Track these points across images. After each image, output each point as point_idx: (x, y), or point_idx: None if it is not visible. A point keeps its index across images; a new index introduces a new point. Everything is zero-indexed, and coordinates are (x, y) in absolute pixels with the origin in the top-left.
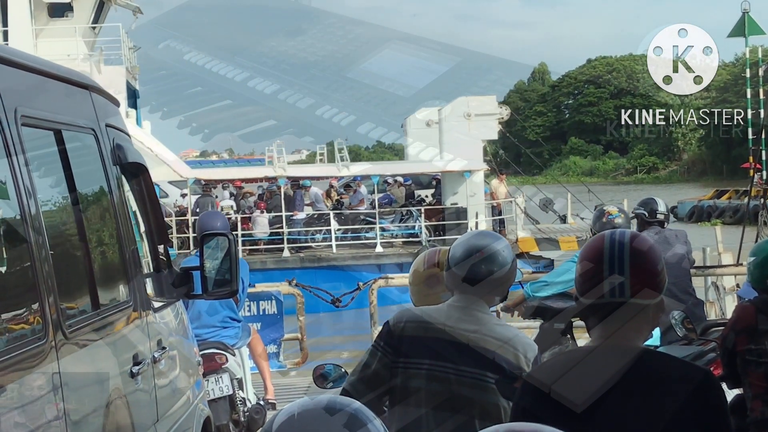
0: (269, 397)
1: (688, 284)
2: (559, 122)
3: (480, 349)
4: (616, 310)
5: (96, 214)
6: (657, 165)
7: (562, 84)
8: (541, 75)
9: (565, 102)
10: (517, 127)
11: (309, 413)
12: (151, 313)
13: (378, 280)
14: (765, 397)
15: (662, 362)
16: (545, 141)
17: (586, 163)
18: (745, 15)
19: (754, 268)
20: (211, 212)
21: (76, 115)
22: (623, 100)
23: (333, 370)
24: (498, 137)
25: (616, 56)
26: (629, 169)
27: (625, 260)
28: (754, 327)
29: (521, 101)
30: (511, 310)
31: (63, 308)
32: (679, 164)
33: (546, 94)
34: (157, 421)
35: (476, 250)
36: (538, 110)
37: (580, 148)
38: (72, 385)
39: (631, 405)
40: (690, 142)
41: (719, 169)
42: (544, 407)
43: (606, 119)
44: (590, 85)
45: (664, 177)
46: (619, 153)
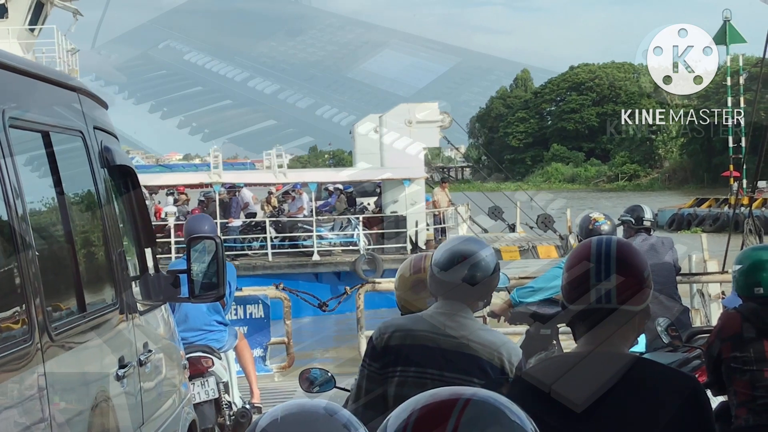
0: (255, 401)
1: (673, 291)
2: (541, 129)
3: (465, 354)
4: (603, 317)
5: (83, 217)
6: (638, 172)
7: (545, 91)
8: (524, 81)
9: (548, 109)
10: (500, 133)
11: (293, 416)
12: (138, 315)
13: (365, 284)
14: (750, 404)
15: (648, 369)
16: (527, 147)
17: (568, 170)
18: (727, 23)
19: (740, 276)
20: (198, 216)
21: (64, 117)
22: (605, 107)
23: (319, 375)
24: (439, 144)
25: (598, 63)
26: (611, 177)
27: (612, 267)
28: (740, 335)
29: (504, 107)
30: (498, 315)
31: (49, 310)
32: (661, 172)
33: (528, 100)
34: (143, 424)
35: (459, 255)
36: (521, 116)
37: (562, 154)
38: (58, 387)
39: (618, 411)
40: (671, 150)
41: (700, 177)
42: (534, 412)
43: (588, 126)
44: (572, 92)
45: (645, 184)
46: (601, 160)
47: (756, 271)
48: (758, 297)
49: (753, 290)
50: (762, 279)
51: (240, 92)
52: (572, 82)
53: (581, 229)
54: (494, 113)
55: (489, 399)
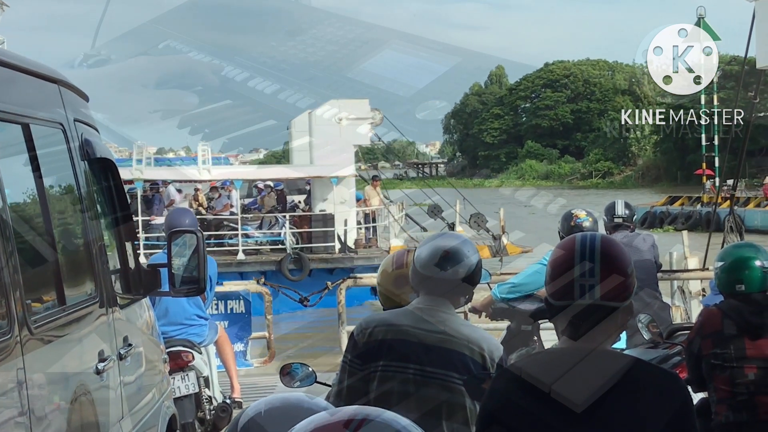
0: (236, 395)
1: (654, 288)
2: (515, 125)
3: (446, 349)
4: (587, 313)
5: (63, 209)
6: (612, 170)
7: (520, 87)
8: (498, 78)
9: (522, 105)
10: (475, 129)
11: (275, 410)
12: (118, 309)
13: (346, 279)
14: (729, 401)
15: (630, 365)
16: (502, 144)
17: (542, 167)
18: (701, 21)
19: (721, 273)
20: (179, 209)
21: (45, 110)
22: (580, 105)
23: (300, 369)
24: (371, 142)
25: (573, 60)
26: (584, 174)
27: (596, 263)
28: (720, 332)
29: (479, 104)
30: (479, 311)
31: (28, 303)
32: (634, 169)
33: (503, 97)
34: (122, 419)
35: (441, 250)
36: (496, 113)
37: (537, 151)
38: (36, 381)
39: (600, 407)
40: (645, 148)
41: (674, 175)
42: (517, 410)
43: (563, 123)
44: (547, 89)
45: (619, 182)
46: (575, 157)
47: (738, 269)
48: (739, 294)
49: (734, 287)
50: (744, 276)
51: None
52: (547, 79)
53: (563, 226)
54: (469, 109)
55: (388, 421)
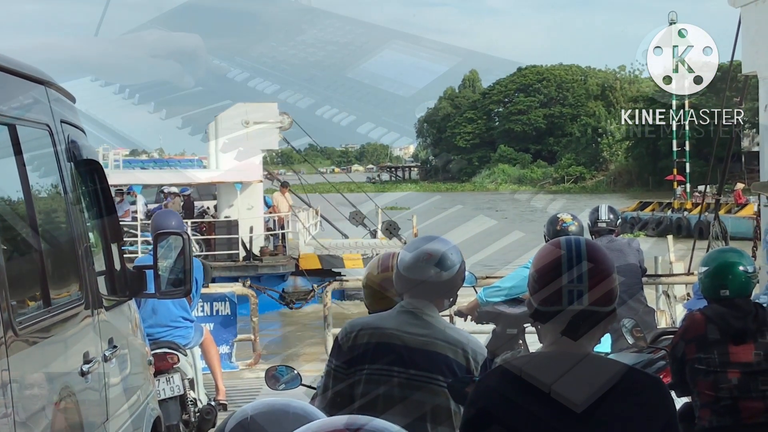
0: (220, 398)
1: (639, 292)
2: (488, 130)
3: (431, 352)
4: (572, 317)
5: (49, 211)
6: (584, 175)
7: (493, 92)
8: (472, 82)
9: (496, 110)
10: (448, 133)
11: (262, 416)
12: (103, 311)
13: (332, 282)
14: (713, 405)
15: (613, 368)
16: (475, 148)
17: (514, 172)
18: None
19: (705, 277)
20: (165, 211)
21: (31, 111)
22: (553, 109)
23: (285, 372)
24: (278, 146)
25: (546, 65)
26: (557, 179)
27: (583, 267)
28: (704, 336)
29: (452, 108)
30: (465, 314)
31: (14, 305)
32: (606, 175)
33: (477, 101)
34: (107, 420)
35: (425, 254)
36: (469, 117)
37: (509, 156)
38: (21, 382)
39: (590, 410)
40: (617, 153)
41: (645, 181)
42: (504, 409)
43: (535, 127)
44: (520, 94)
45: (590, 187)
46: (548, 162)
47: (722, 274)
48: (723, 299)
49: (719, 292)
50: (728, 281)
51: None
52: (520, 83)
53: (549, 230)
54: (442, 113)
55: (368, 425)
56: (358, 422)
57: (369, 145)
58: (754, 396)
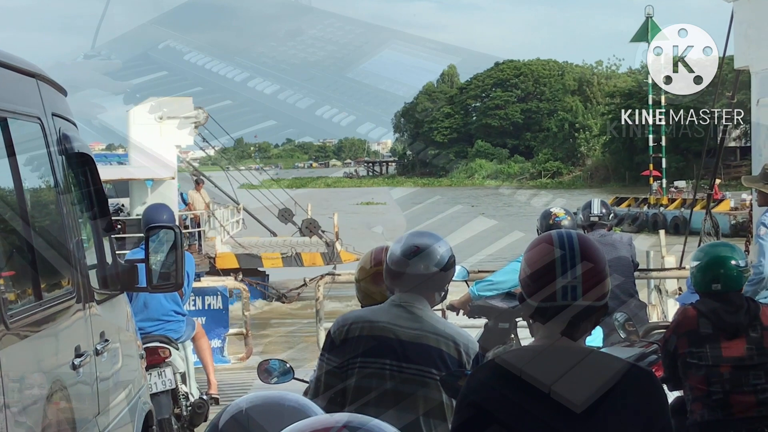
0: (212, 392)
1: (631, 286)
2: (466, 125)
3: (423, 345)
4: (563, 311)
5: (40, 204)
6: (561, 170)
7: (470, 87)
8: (450, 77)
9: (473, 105)
10: (425, 128)
11: (257, 408)
12: (95, 304)
13: (324, 276)
14: (705, 399)
15: (606, 363)
16: (452, 143)
17: (491, 167)
18: (649, 20)
19: (697, 272)
20: (156, 205)
21: (22, 104)
22: (530, 104)
23: (277, 366)
24: (194, 142)
25: (523, 60)
26: (534, 174)
27: (576, 262)
28: (696, 330)
29: (429, 102)
30: (457, 309)
31: (5, 299)
32: (583, 170)
33: (454, 96)
34: (99, 414)
35: (413, 247)
36: (446, 112)
37: (487, 151)
38: (12, 376)
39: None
40: (594, 148)
41: (622, 176)
42: (496, 403)
43: (513, 122)
44: (498, 89)
45: (567, 182)
46: (525, 157)
47: (714, 268)
48: (715, 293)
49: (710, 286)
50: (719, 275)
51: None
52: (497, 78)
53: (541, 225)
54: (419, 108)
55: (367, 425)
56: (357, 421)
57: (347, 140)
58: (745, 390)
